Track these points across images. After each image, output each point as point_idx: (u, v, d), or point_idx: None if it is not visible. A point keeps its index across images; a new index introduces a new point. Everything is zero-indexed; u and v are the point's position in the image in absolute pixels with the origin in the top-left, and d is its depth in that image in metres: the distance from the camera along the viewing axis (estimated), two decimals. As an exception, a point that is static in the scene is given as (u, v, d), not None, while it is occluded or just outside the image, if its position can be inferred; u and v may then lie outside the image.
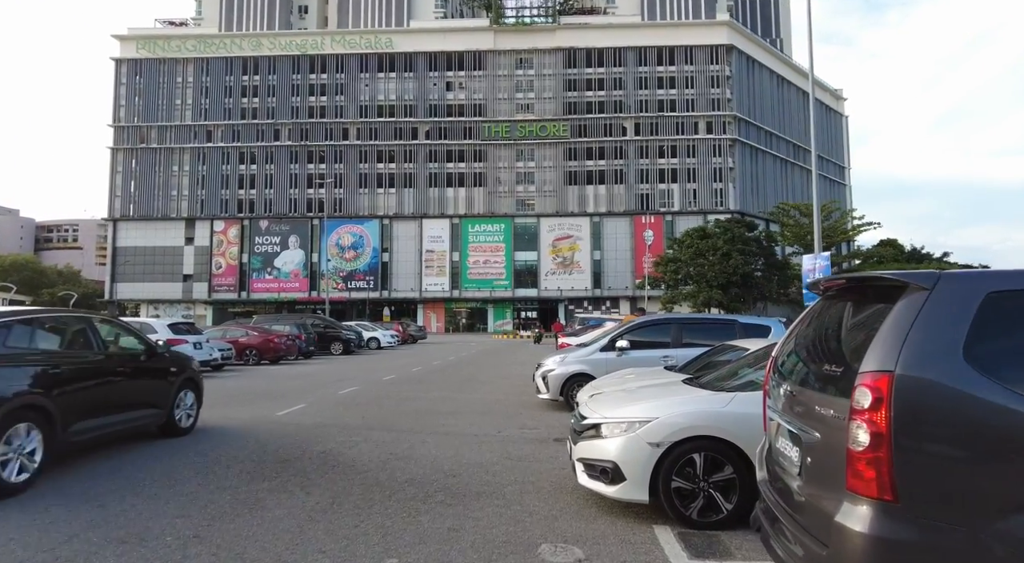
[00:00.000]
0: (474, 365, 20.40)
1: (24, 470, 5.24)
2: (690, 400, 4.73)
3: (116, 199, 72.49)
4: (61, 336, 6.44)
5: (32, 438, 5.36)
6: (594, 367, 9.53)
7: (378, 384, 14.05)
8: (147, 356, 7.43)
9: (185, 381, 8.03)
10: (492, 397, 11.56)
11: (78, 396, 6.06)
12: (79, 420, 5.98)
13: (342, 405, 10.63)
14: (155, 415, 7.41)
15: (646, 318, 10.25)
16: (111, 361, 6.89)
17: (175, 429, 7.72)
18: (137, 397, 7.11)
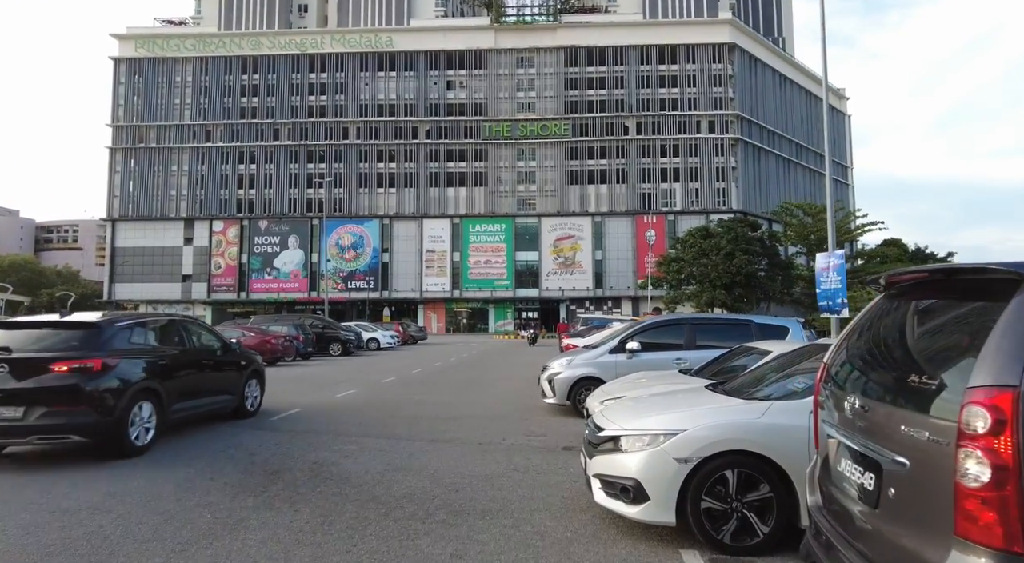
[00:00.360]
0: (476, 367, 19.94)
1: (145, 437, 6.91)
2: (720, 410, 4.25)
3: (115, 199, 72.07)
4: (163, 335, 7.92)
5: (150, 414, 6.98)
6: (603, 370, 9.06)
7: (377, 387, 13.59)
8: (222, 351, 8.92)
9: (252, 372, 9.54)
10: (495, 401, 11.09)
11: (176, 383, 7.58)
12: (177, 402, 7.51)
13: (338, 410, 10.17)
14: (230, 400, 8.89)
15: (657, 319, 9.78)
16: (198, 355, 8.35)
17: (245, 412, 9.20)
18: (216, 385, 8.58)
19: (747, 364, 7.08)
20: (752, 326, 9.20)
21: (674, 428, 4.05)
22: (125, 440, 6.57)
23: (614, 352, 9.16)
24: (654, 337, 9.27)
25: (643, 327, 9.32)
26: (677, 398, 5.00)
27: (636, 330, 9.28)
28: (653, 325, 9.38)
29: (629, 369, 8.90)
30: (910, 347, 2.45)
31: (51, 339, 6.77)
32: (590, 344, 10.48)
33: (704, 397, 4.80)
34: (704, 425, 4.01)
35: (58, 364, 6.34)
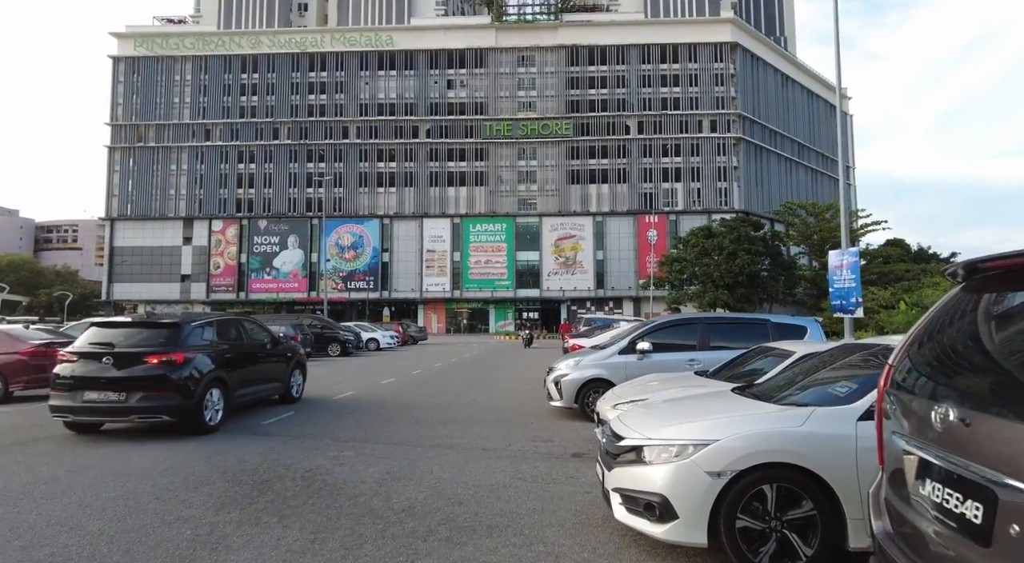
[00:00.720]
0: (478, 368, 19.52)
1: (216, 418, 8.14)
2: (755, 417, 3.82)
3: (113, 199, 71.67)
4: (226, 332, 9.12)
5: (219, 398, 8.22)
6: (613, 372, 8.64)
7: (376, 389, 13.17)
8: (271, 345, 10.25)
9: (296, 364, 10.86)
10: (499, 403, 10.67)
11: (238, 372, 8.84)
12: (239, 389, 8.79)
13: (335, 413, 9.75)
14: (278, 387, 10.27)
15: (668, 318, 9.35)
16: (253, 349, 9.63)
17: (290, 398, 10.63)
18: (268, 374, 9.90)
19: (767, 366, 6.67)
20: (768, 326, 8.78)
21: (705, 438, 3.63)
22: (202, 420, 7.88)
23: (624, 353, 8.74)
24: (666, 337, 8.84)
25: (654, 327, 8.89)
26: (703, 403, 4.58)
27: (647, 330, 8.86)
28: (664, 325, 8.96)
29: (640, 371, 8.48)
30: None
31: (143, 336, 8.06)
32: (598, 344, 10.05)
33: (734, 402, 4.37)
34: (739, 434, 3.58)
35: (150, 357, 7.66)
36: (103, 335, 8.05)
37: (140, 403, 7.48)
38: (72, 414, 7.63)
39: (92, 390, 7.51)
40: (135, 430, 8.16)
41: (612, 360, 8.74)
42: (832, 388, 3.98)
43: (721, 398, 4.64)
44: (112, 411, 7.52)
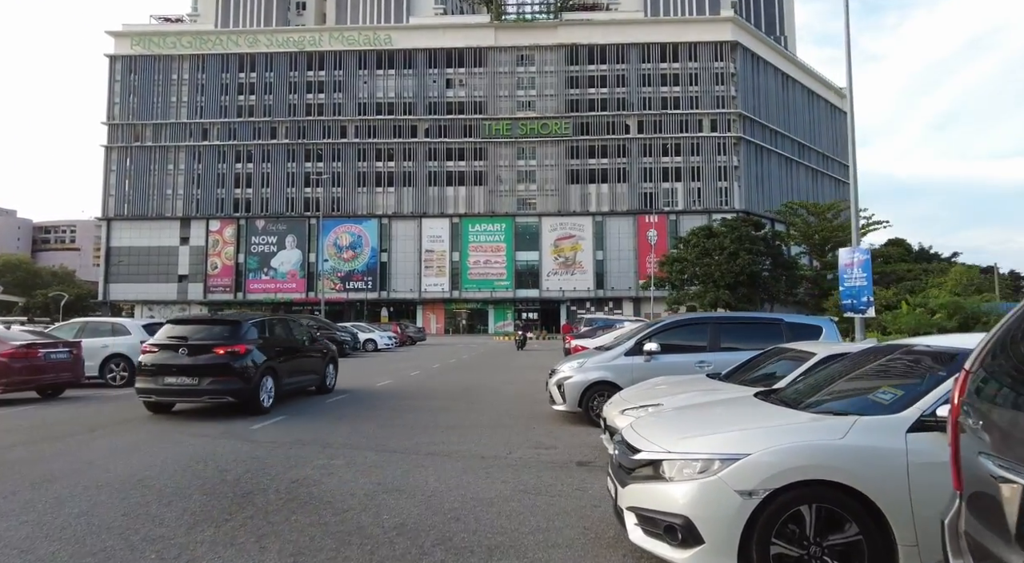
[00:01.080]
0: (477, 369, 19.09)
1: (268, 401, 9.51)
2: (789, 428, 3.39)
3: (110, 198, 71.21)
4: (277, 329, 10.65)
5: (271, 385, 9.58)
6: (618, 374, 8.21)
7: (371, 391, 12.73)
8: (310, 342, 11.81)
9: (329, 359, 12.32)
10: (499, 407, 10.24)
11: (285, 364, 10.22)
12: (286, 378, 10.16)
13: (327, 417, 9.31)
14: (315, 379, 11.66)
15: (677, 317, 8.92)
16: (297, 345, 11.08)
17: (325, 388, 11.99)
18: (308, 367, 11.31)
19: (785, 369, 6.26)
20: (782, 326, 8.36)
21: (733, 451, 3.21)
22: (258, 402, 9.23)
23: (630, 354, 8.31)
24: (674, 338, 8.42)
25: (662, 327, 8.46)
26: (727, 411, 4.15)
27: (654, 330, 8.43)
28: (673, 324, 8.53)
29: (647, 373, 8.06)
30: None
31: (210, 331, 9.55)
32: (602, 346, 9.62)
33: (761, 410, 3.95)
34: (772, 448, 3.15)
35: (218, 348, 9.09)
36: (177, 330, 9.63)
37: (209, 386, 8.96)
38: (155, 395, 9.16)
39: (170, 375, 9.03)
40: (118, 436, 7.73)
41: (618, 362, 8.31)
42: (874, 395, 3.55)
43: (745, 405, 4.21)
44: (187, 392, 9.03)
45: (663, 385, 6.81)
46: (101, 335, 13.90)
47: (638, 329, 9.40)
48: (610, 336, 12.81)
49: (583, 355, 9.24)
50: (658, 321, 8.93)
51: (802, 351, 6.38)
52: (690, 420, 3.97)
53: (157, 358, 9.17)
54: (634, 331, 9.55)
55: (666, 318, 8.98)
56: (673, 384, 6.75)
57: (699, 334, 8.44)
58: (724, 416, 3.97)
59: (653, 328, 8.51)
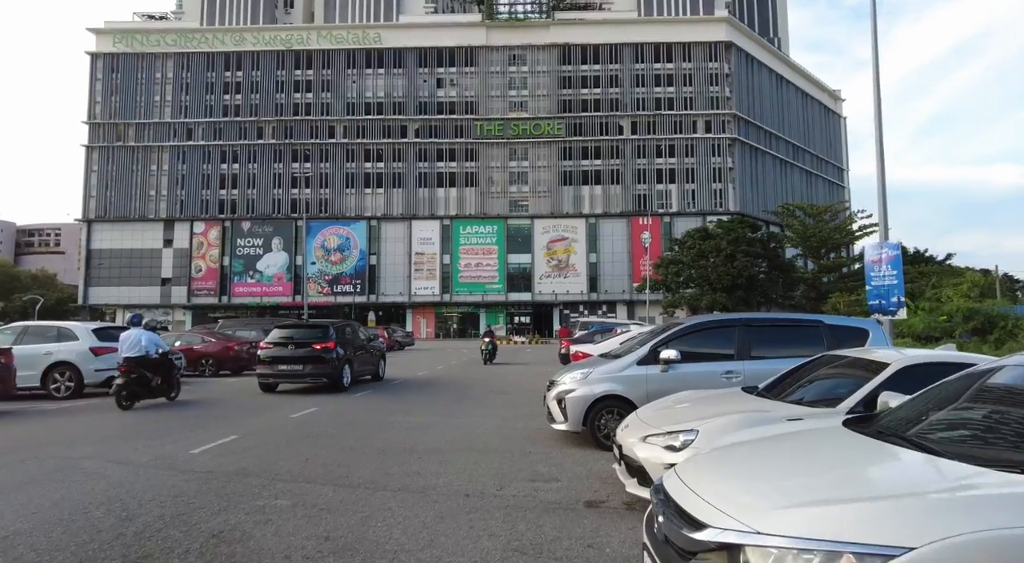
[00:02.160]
0: (466, 377, 17.74)
1: (347, 382, 13.34)
2: (965, 500, 2.07)
3: (91, 199, 69.32)
4: (346, 331, 14.25)
5: (347, 371, 13.37)
6: (631, 387, 6.90)
7: (345, 404, 11.35)
8: (368, 342, 15.63)
9: (381, 355, 16.13)
10: (489, 424, 8.90)
11: (355, 357, 14.00)
12: (356, 368, 14.03)
13: (287, 436, 7.94)
14: (373, 371, 15.38)
15: (699, 319, 7.60)
16: (359, 343, 14.84)
17: (378, 377, 15.55)
18: (368, 361, 15.10)
19: (846, 384, 4.99)
20: (822, 328, 7.08)
21: (877, 541, 1.88)
22: (341, 383, 13.04)
23: (644, 363, 6.99)
24: (696, 344, 7.11)
25: (681, 330, 7.16)
26: (820, 453, 2.79)
27: (672, 334, 7.13)
28: (693, 328, 7.21)
29: (664, 386, 6.76)
30: None
31: (308, 333, 13.38)
32: (609, 352, 8.30)
33: (878, 454, 2.58)
34: (953, 539, 1.83)
35: (315, 344, 12.78)
36: (285, 333, 13.54)
37: (310, 371, 12.82)
38: (271, 378, 13.02)
39: (283, 364, 12.88)
40: (20, 465, 6.33)
41: (629, 372, 6.99)
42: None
43: (845, 443, 2.86)
44: (294, 376, 12.92)
45: (687, 402, 5.51)
46: (45, 341, 12.46)
47: (650, 333, 8.08)
48: (614, 341, 11.46)
49: (586, 364, 7.91)
50: (675, 323, 7.61)
51: (867, 360, 5.11)
52: (771, 469, 2.65)
53: (273, 352, 13.08)
54: (645, 335, 8.24)
55: (685, 320, 7.66)
56: (702, 401, 5.46)
57: (725, 339, 7.15)
58: (823, 463, 2.64)
59: (671, 332, 7.20)
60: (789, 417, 4.45)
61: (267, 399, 12.08)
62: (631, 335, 10.64)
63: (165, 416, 9.70)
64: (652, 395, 6.78)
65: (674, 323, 7.59)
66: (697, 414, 4.93)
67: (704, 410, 5.07)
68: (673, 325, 7.45)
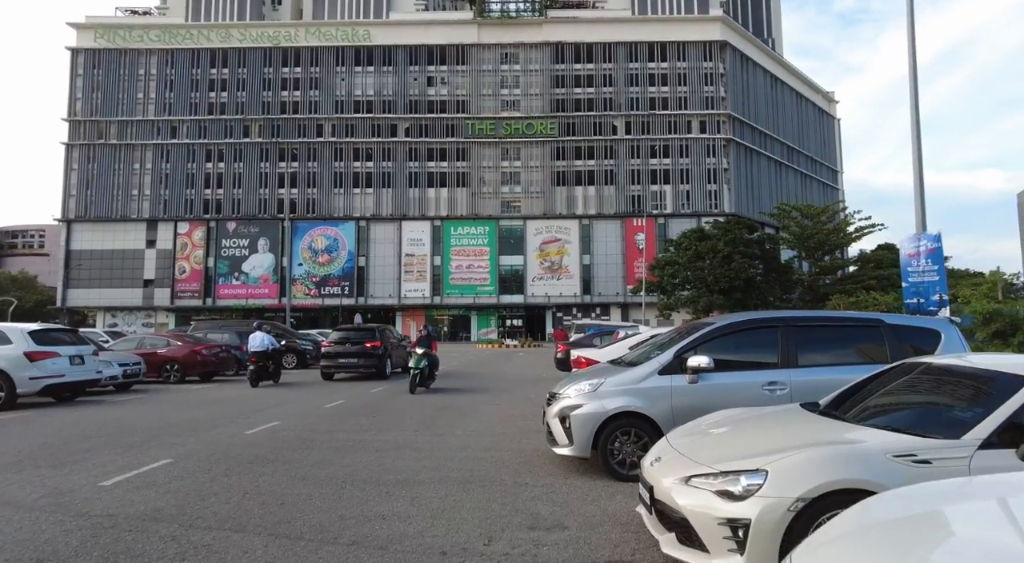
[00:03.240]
0: (452, 385, 16.37)
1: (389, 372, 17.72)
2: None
3: (71, 199, 67.40)
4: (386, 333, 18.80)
5: (390, 364, 17.72)
6: (652, 402, 5.55)
7: (312, 417, 9.94)
8: (399, 342, 20.14)
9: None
10: (476, 444, 7.54)
11: (392, 353, 18.23)
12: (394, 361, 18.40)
13: (230, 460, 6.54)
14: (403, 364, 18.38)
15: (737, 318, 6.23)
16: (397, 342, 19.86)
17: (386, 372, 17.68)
18: (402, 355, 18.73)
19: (954, 401, 3.71)
20: (883, 329, 5.77)
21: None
22: (384, 373, 16.94)
23: (667, 372, 5.65)
24: (730, 349, 5.75)
25: (712, 332, 5.79)
26: None
27: (701, 337, 5.77)
28: (728, 328, 5.84)
29: (692, 399, 5.45)
30: None
31: (360, 334, 17.44)
32: (621, 359, 6.88)
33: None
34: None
35: (366, 343, 16.77)
36: (343, 334, 17.54)
37: (362, 363, 16.71)
38: (333, 370, 16.81)
39: (342, 358, 16.73)
40: None
41: (650, 384, 5.64)
42: None
43: None
44: (350, 367, 16.76)
45: (730, 425, 4.18)
46: (-26, 344, 10.98)
47: (672, 335, 6.73)
48: (620, 345, 10.02)
49: (594, 372, 6.54)
50: (703, 323, 6.26)
51: (969, 369, 3.82)
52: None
53: (335, 349, 16.93)
54: (662, 338, 6.89)
55: (716, 320, 6.31)
56: (751, 424, 4.13)
57: (765, 342, 5.81)
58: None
59: (700, 334, 5.84)
60: (896, 452, 3.14)
61: (224, 409, 10.67)
62: (642, 338, 9.21)
63: (104, 428, 8.27)
64: (678, 412, 5.45)
65: (702, 323, 6.27)
66: (754, 444, 3.59)
67: (761, 438, 3.74)
68: (702, 325, 6.12)
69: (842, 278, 52.50)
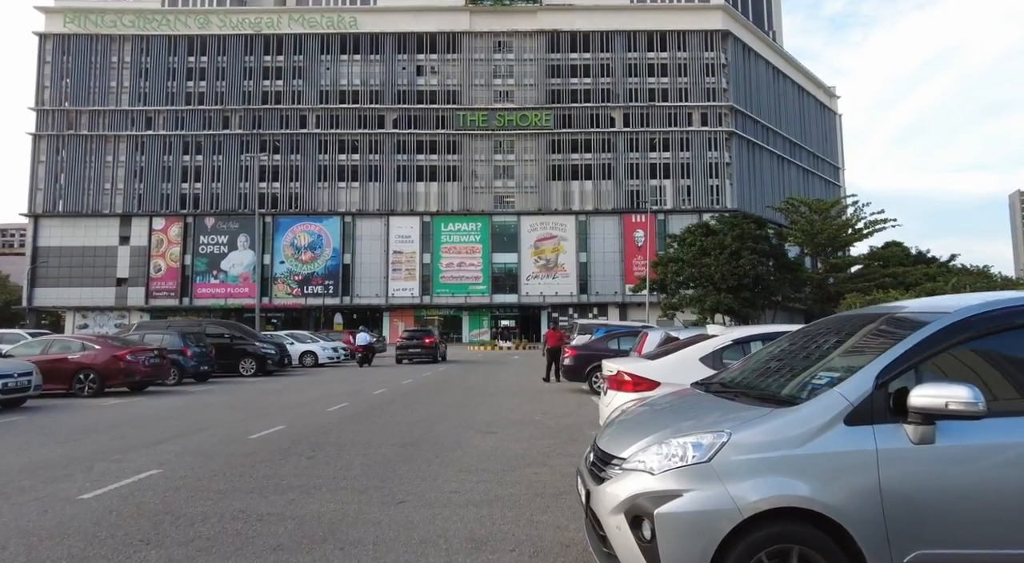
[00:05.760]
0: (439, 395, 13.25)
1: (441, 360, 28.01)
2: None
3: (38, 192, 63.73)
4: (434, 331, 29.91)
5: (440, 354, 28.13)
6: (841, 488, 2.40)
7: (234, 451, 6.81)
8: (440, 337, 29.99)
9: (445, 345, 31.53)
10: (455, 526, 4.48)
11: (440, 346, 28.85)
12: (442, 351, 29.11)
13: (54, 546, 3.44)
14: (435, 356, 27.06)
15: (996, 301, 3.09)
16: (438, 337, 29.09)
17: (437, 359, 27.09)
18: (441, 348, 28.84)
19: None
20: None
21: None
22: (438, 360, 26.81)
23: (860, 420, 2.58)
24: (1001, 365, 2.74)
25: (954, 327, 2.76)
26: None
27: (930, 339, 2.72)
28: (1000, 319, 2.78)
29: (934, 486, 2.40)
30: None
31: (421, 332, 27.81)
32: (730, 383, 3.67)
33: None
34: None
35: (424, 339, 26.69)
36: (410, 332, 27.32)
37: (423, 353, 25.94)
38: (404, 359, 25.90)
39: (411, 349, 26.10)
40: None
41: (827, 445, 2.50)
42: None
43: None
44: (416, 356, 25.89)
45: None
46: None
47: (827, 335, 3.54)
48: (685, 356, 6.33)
49: (674, 412, 3.40)
50: (899, 312, 3.12)
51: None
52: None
53: (405, 343, 26.33)
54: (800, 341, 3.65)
55: (927, 306, 3.14)
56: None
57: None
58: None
59: (924, 336, 2.77)
60: None
61: (113, 439, 7.53)
62: (722, 342, 5.69)
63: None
64: (897, 512, 2.40)
65: (899, 310, 3.20)
66: None
67: None
68: (909, 321, 3.00)
69: (852, 276, 49.94)
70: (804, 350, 3.51)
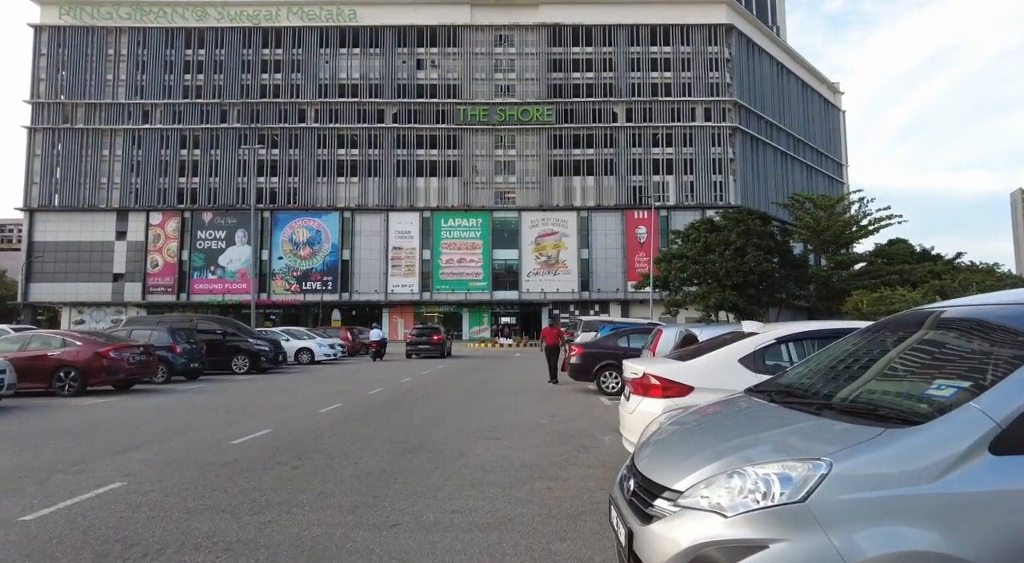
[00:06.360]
0: (439, 396, 12.58)
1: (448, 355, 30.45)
2: None
3: (33, 187, 62.97)
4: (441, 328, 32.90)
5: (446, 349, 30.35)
6: (978, 542, 1.81)
7: (210, 460, 6.14)
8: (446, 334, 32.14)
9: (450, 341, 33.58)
10: (479, 518, 3.82)
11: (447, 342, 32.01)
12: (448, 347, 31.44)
13: None
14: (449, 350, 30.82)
15: None
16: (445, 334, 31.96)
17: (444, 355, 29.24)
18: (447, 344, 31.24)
19: None
20: None
21: None
22: (443, 355, 28.66)
23: (1008, 448, 1.95)
24: None
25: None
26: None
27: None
28: None
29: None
30: None
31: (429, 328, 31.67)
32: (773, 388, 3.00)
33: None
34: None
35: (432, 336, 29.42)
36: (420, 329, 30.93)
37: (431, 349, 28.10)
38: (413, 353, 28.04)
39: (420, 345, 28.47)
40: None
41: (964, 484, 1.86)
42: None
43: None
44: (425, 351, 28.01)
45: None
46: None
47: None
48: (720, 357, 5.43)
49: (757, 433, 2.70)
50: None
51: None
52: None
53: (415, 340, 28.90)
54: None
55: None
56: None
57: None
58: None
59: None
60: None
61: (81, 445, 6.87)
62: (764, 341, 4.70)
63: None
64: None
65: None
66: None
67: None
68: None
69: (857, 274, 49.25)
70: (896, 350, 2.82)
